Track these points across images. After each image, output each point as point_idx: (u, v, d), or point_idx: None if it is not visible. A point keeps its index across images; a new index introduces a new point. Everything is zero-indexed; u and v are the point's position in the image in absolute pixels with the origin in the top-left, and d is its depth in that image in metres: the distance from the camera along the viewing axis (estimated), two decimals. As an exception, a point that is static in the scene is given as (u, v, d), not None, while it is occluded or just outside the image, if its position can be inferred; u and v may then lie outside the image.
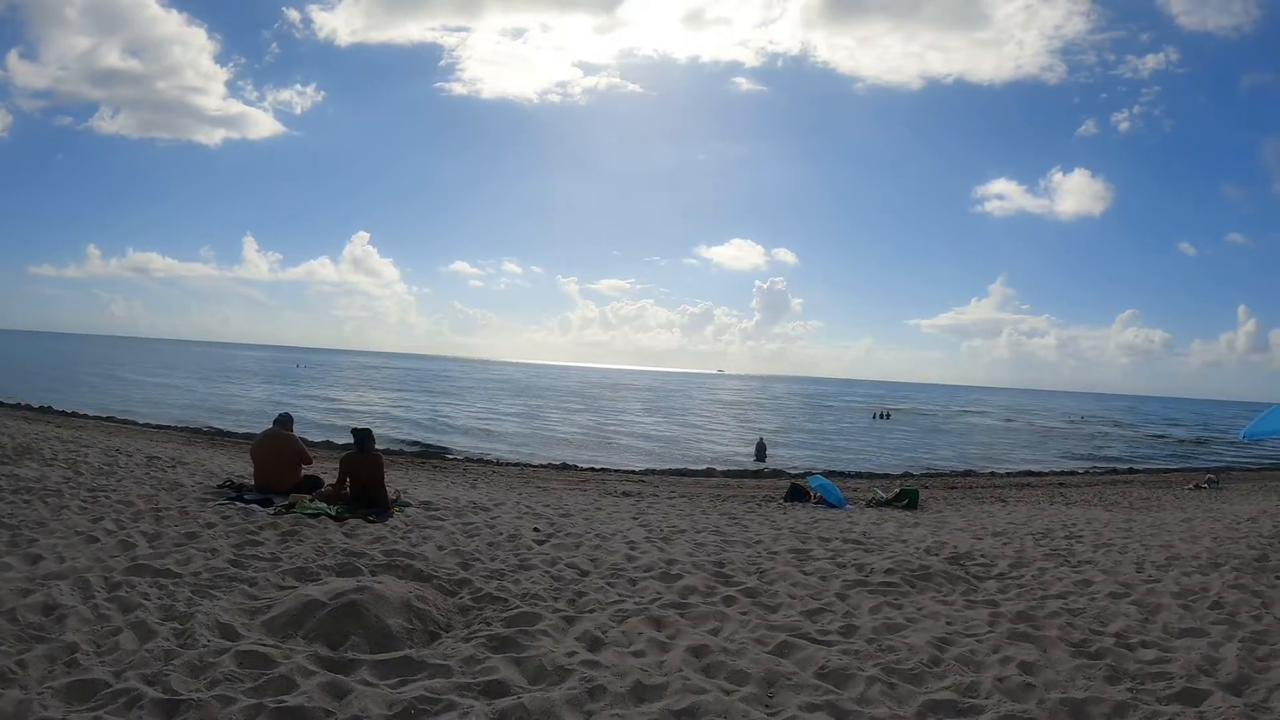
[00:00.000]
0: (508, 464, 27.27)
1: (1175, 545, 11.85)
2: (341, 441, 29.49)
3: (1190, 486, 28.05)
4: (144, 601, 5.89)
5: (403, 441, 32.87)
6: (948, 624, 6.74)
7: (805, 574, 8.41)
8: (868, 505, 18.32)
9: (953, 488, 26.04)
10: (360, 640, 5.35)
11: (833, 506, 17.36)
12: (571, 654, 5.42)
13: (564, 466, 27.61)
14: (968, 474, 32.12)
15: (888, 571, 8.52)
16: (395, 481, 16.04)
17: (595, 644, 5.75)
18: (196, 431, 29.68)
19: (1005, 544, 11.49)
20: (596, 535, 10.24)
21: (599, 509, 13.86)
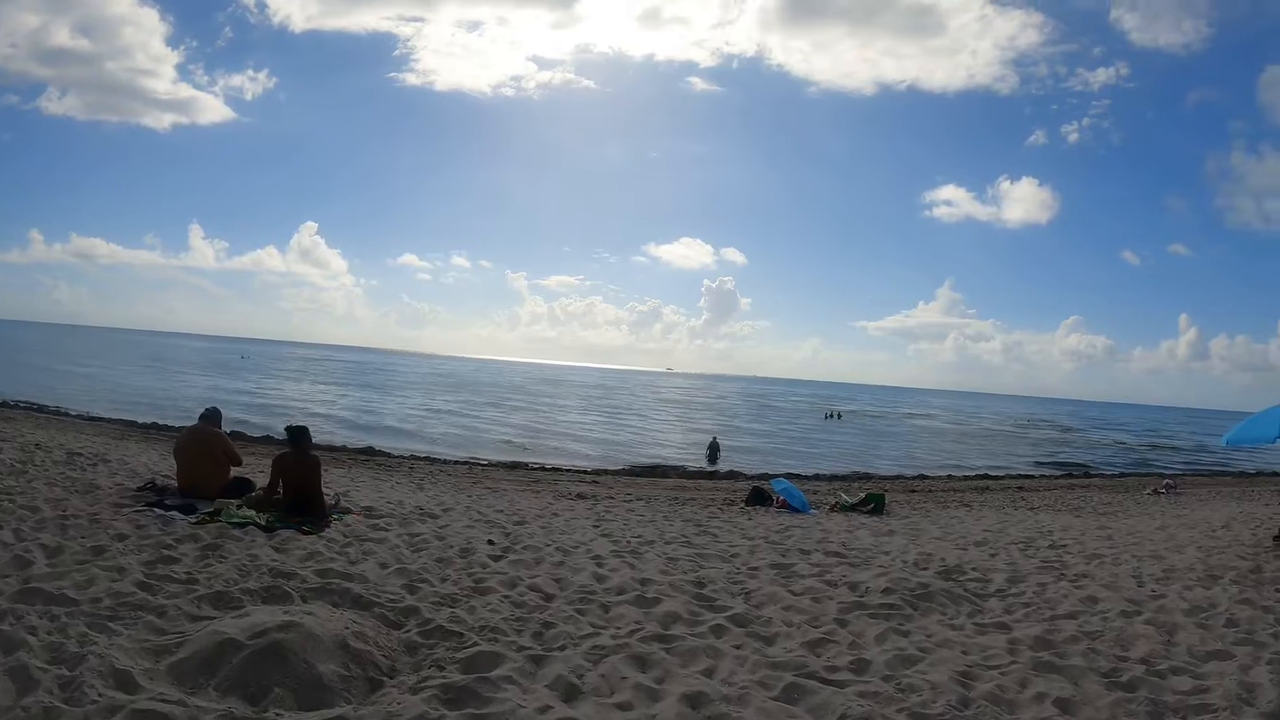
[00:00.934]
0: (456, 462, 26.19)
1: (1165, 556, 11.50)
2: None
3: (1149, 491, 27.94)
4: (29, 638, 4.83)
5: (342, 437, 31.53)
6: (964, 653, 6.02)
7: (794, 595, 7.55)
8: (832, 510, 17.68)
9: (913, 491, 25.60)
10: (285, 693, 4.37)
11: (797, 511, 16.68)
12: (544, 709, 4.46)
13: (514, 465, 26.64)
14: (924, 477, 31.72)
15: (885, 591, 7.68)
16: (336, 483, 15.01)
17: (571, 693, 4.81)
18: (131, 424, 28.11)
19: (992, 555, 10.88)
20: (558, 548, 9.27)
21: (555, 514, 12.93)
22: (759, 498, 18.10)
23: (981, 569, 9.52)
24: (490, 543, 9.11)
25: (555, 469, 26.55)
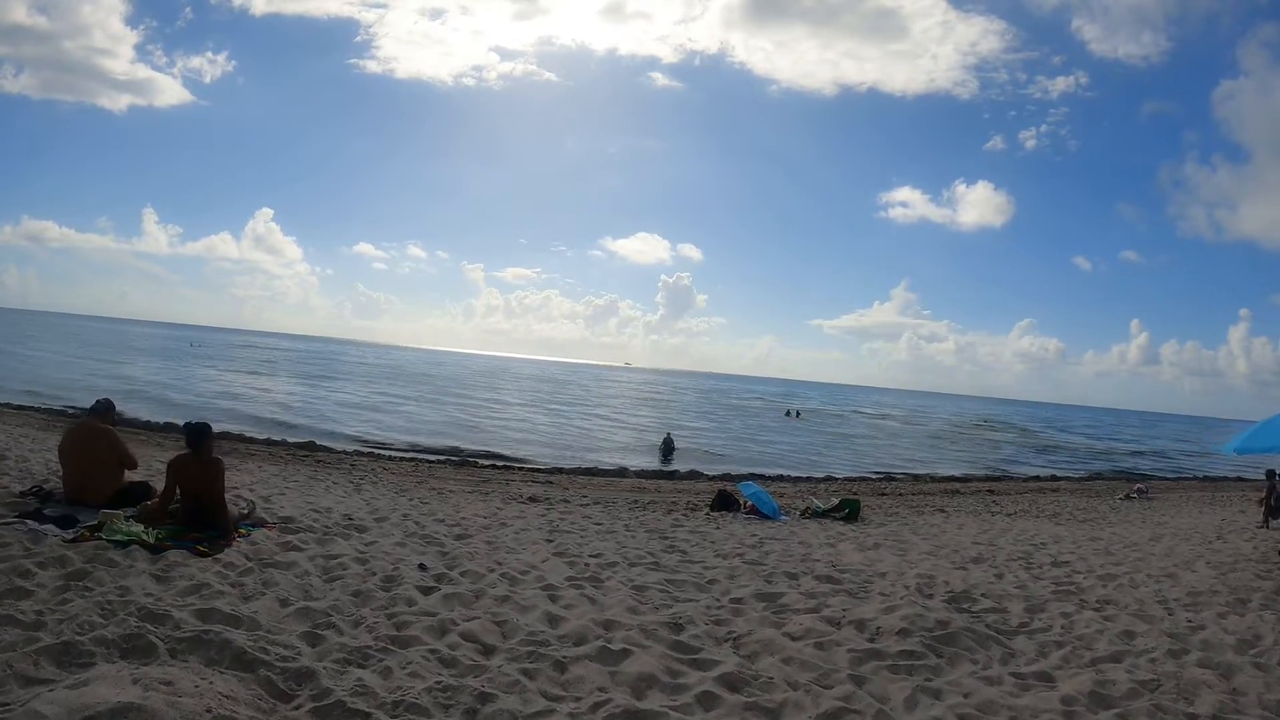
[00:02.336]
0: (401, 459, 24.62)
1: (1178, 574, 10.58)
2: (234, 430, 26.50)
3: (1120, 496, 27.39)
4: None
5: (281, 431, 29.85)
6: (1014, 722, 4.76)
7: (793, 639, 6.15)
8: (804, 516, 16.48)
9: (883, 494, 24.49)
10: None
11: (767, 518, 15.45)
12: None
13: (463, 463, 25.09)
14: (890, 478, 30.69)
15: (900, 633, 6.33)
16: (266, 483, 13.59)
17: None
18: (59, 415, 26.21)
19: (998, 576, 9.70)
20: (503, 575, 7.70)
21: (504, 524, 11.46)
22: (725, 502, 16.84)
23: (993, 595, 8.35)
24: (422, 568, 7.56)
25: (507, 467, 25.08)
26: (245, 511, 9.06)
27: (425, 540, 9.17)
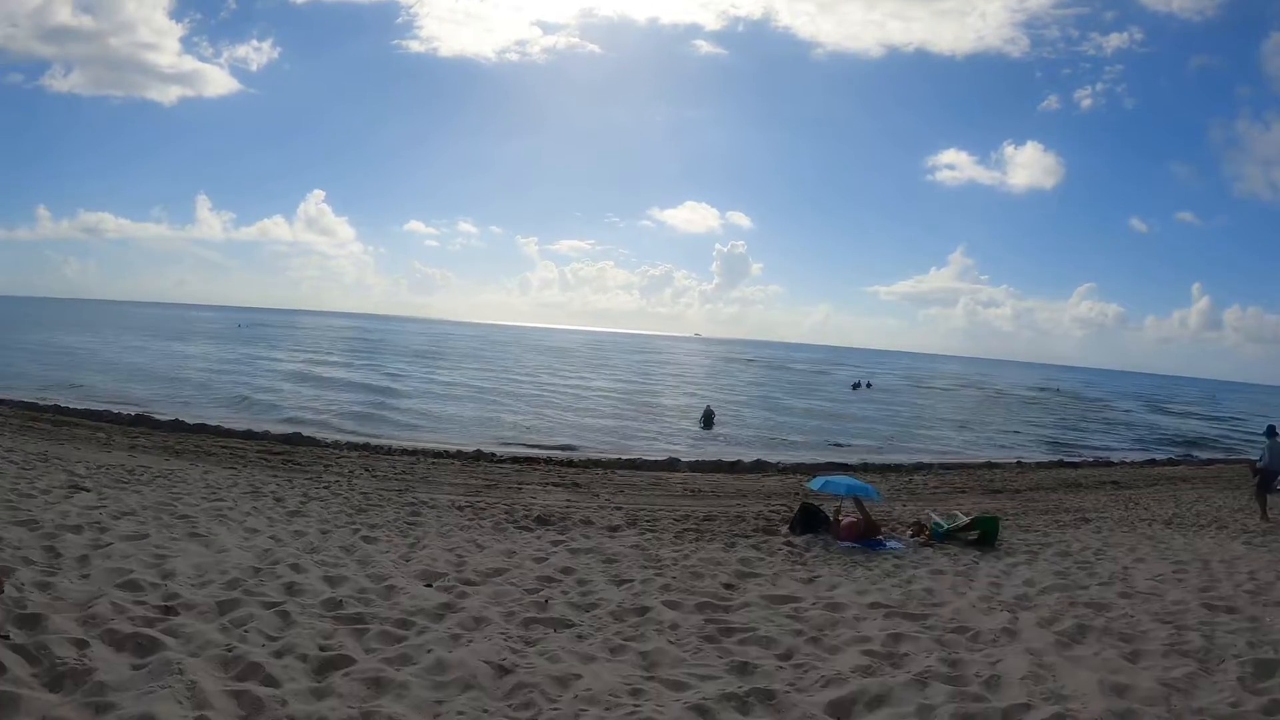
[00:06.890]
0: (401, 452, 20.17)
1: None
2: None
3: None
4: None
5: (264, 422, 25.90)
6: None
7: None
8: (920, 539, 12.10)
9: (994, 491, 19.68)
10: None
11: (872, 549, 10.95)
12: None
13: (477, 456, 20.50)
14: (992, 465, 25.76)
15: None
16: (176, 503, 9.60)
17: None
18: (40, 410, 22.77)
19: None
20: None
21: (451, 607, 6.71)
22: (810, 521, 12.25)
23: None
24: None
25: (528, 460, 20.46)
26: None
27: (233, 698, 4.39)
